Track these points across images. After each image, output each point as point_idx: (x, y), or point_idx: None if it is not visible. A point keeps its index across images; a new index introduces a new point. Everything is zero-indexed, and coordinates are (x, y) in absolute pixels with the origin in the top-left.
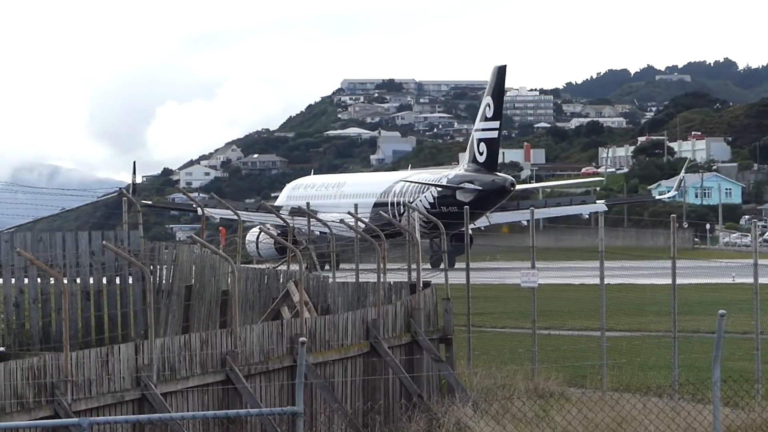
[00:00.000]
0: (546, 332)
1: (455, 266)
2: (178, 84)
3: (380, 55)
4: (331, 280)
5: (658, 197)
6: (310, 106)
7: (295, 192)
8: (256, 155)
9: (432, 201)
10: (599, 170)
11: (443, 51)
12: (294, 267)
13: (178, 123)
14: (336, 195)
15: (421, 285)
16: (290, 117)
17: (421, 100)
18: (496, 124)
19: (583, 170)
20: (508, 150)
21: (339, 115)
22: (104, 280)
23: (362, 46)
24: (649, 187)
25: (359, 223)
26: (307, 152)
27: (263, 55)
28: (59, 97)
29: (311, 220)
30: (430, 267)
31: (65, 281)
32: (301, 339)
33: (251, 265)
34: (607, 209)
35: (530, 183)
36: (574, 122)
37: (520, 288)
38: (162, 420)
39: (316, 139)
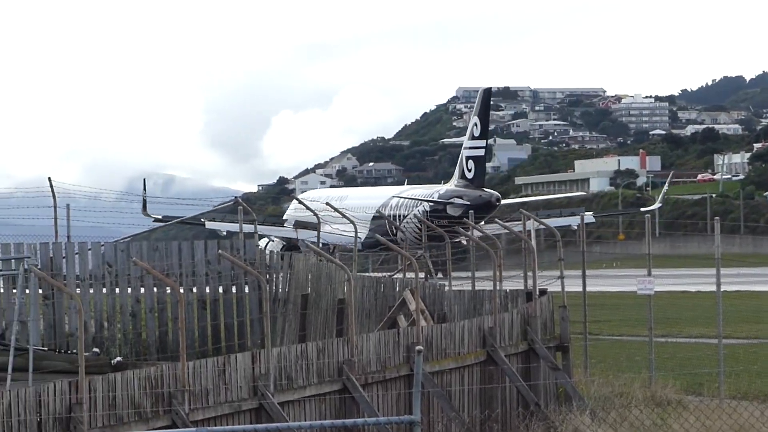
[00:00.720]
0: (663, 340)
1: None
2: (293, 92)
3: (495, 63)
4: (447, 288)
5: (642, 209)
6: (425, 114)
7: (301, 205)
8: (371, 163)
9: (424, 215)
10: (715, 177)
11: (558, 58)
12: (410, 275)
13: (293, 131)
14: (339, 208)
15: (538, 293)
16: (405, 125)
17: (536, 108)
18: (482, 142)
19: (699, 177)
20: (623, 157)
21: (454, 123)
22: (220, 289)
23: (477, 54)
24: (765, 194)
25: (475, 232)
26: (422, 160)
27: (379, 63)
28: (175, 106)
29: (317, 231)
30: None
31: (181, 290)
32: (417, 347)
33: (367, 274)
34: (594, 221)
35: (646, 190)
36: (690, 129)
37: (636, 295)
38: (279, 429)
39: (431, 146)
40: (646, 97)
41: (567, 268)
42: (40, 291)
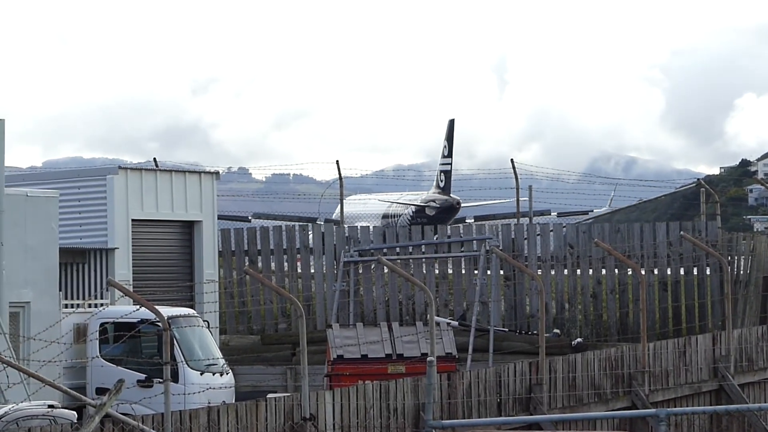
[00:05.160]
0: None
1: None
2: (757, 74)
3: None
4: None
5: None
6: None
7: (346, 206)
8: None
9: (411, 215)
10: None
11: None
12: None
13: (756, 114)
14: (363, 210)
15: None
16: None
17: None
18: (449, 160)
19: None
20: None
21: None
22: (681, 271)
23: None
24: None
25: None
26: None
27: None
28: (638, 88)
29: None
30: None
31: (643, 272)
32: None
33: None
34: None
35: None
36: None
37: None
38: (739, 411)
39: None
40: None
41: None
42: (502, 272)
